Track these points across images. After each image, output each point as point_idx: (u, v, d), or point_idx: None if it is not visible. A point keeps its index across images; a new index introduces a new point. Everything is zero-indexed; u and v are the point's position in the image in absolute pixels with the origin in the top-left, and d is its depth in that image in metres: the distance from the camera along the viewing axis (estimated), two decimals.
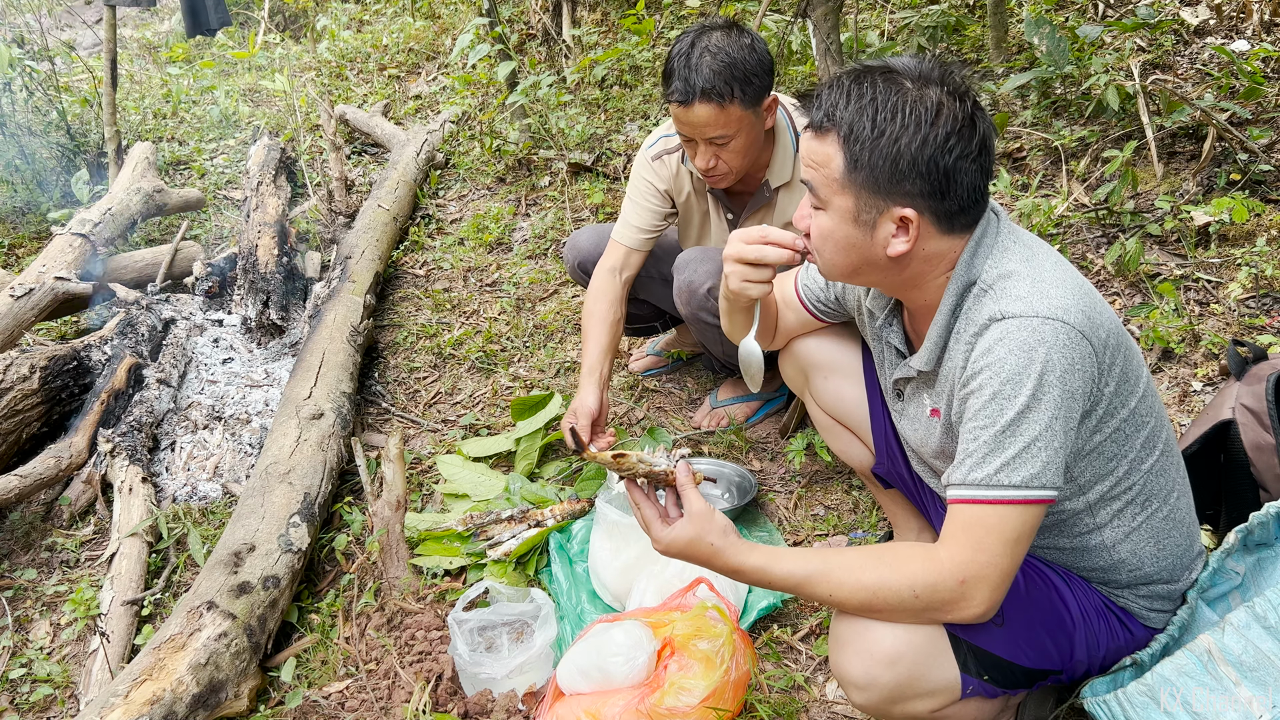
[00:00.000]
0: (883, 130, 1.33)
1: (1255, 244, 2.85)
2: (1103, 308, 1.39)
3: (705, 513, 1.46)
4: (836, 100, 1.36)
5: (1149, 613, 1.56)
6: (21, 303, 3.32)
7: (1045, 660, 1.49)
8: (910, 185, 1.34)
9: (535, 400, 2.80)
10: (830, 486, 2.53)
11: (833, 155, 1.36)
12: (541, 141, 4.54)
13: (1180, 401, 2.52)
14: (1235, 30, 3.99)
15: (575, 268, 2.78)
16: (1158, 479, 1.49)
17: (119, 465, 2.76)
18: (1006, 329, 1.32)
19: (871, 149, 1.33)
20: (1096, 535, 1.51)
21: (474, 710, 1.98)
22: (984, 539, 1.33)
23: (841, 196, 1.38)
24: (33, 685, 2.27)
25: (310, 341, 3.12)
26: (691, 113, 2.13)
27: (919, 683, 1.41)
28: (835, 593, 1.40)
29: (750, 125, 2.18)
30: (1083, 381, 1.32)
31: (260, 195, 4.08)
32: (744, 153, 2.22)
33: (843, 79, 1.38)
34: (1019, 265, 1.38)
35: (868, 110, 1.33)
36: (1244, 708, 1.30)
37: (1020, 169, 3.58)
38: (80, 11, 8.21)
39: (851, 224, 1.39)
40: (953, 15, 4.52)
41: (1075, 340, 1.31)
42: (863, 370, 1.89)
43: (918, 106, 1.32)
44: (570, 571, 2.30)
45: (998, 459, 1.32)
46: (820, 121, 1.38)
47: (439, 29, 6.54)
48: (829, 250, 1.44)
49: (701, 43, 2.12)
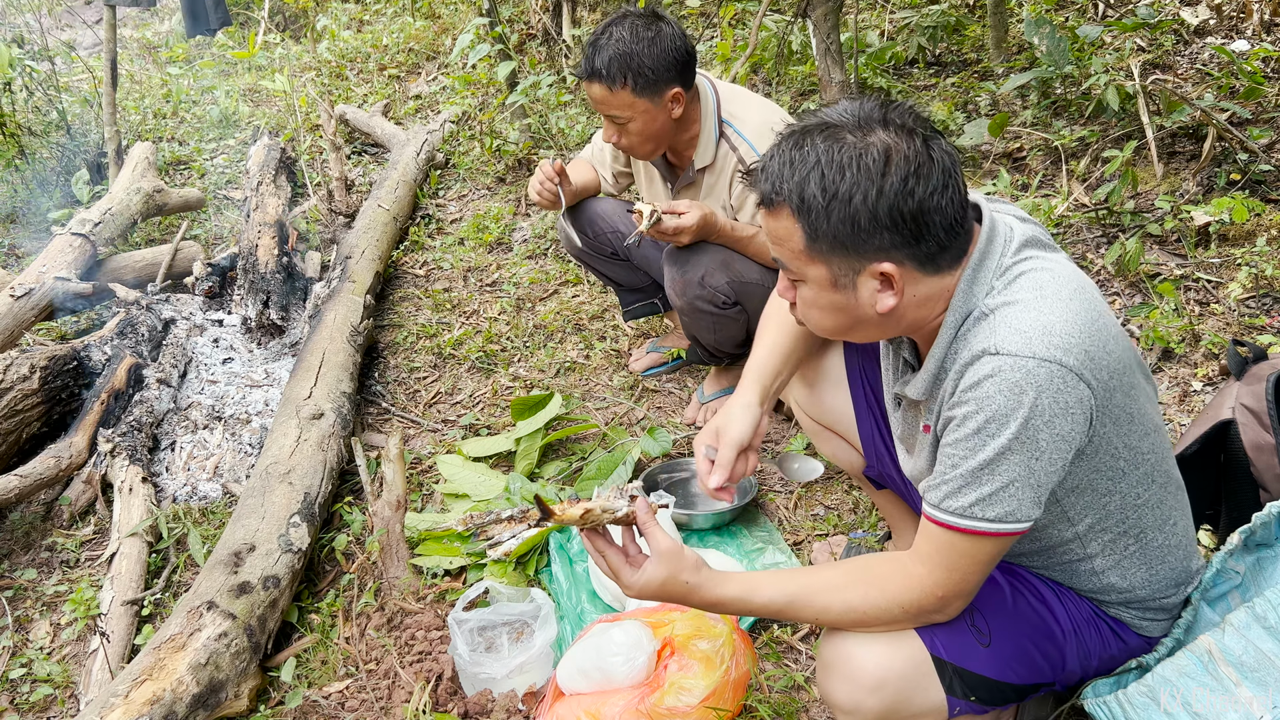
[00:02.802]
0: (834, 193, 1.25)
1: (1255, 244, 2.85)
2: (1113, 345, 1.31)
3: (674, 551, 1.40)
4: (780, 172, 1.29)
5: (1143, 623, 1.54)
6: (21, 303, 3.32)
7: (1035, 674, 1.48)
8: (879, 240, 1.27)
9: (535, 400, 2.80)
10: (830, 486, 2.53)
11: (791, 230, 1.30)
12: (541, 141, 4.54)
13: (1180, 401, 2.52)
14: (1235, 30, 3.99)
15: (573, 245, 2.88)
16: (1153, 511, 1.45)
17: (119, 465, 2.76)
18: (998, 365, 1.25)
19: (827, 215, 1.26)
20: (1087, 563, 1.49)
21: (474, 710, 1.98)
22: (958, 562, 1.34)
23: (813, 267, 1.32)
24: (33, 685, 2.27)
25: (310, 341, 3.12)
26: (590, 89, 2.36)
27: (904, 706, 1.41)
28: (822, 617, 1.41)
29: (646, 112, 2.35)
30: (1073, 424, 1.27)
31: (260, 195, 4.08)
32: (642, 135, 2.40)
33: (782, 147, 1.30)
34: (1024, 294, 1.30)
35: (813, 176, 1.26)
36: (1244, 708, 1.30)
37: (1020, 169, 3.58)
38: (80, 11, 8.21)
39: (831, 290, 1.33)
40: (953, 15, 4.52)
41: (1070, 384, 1.24)
42: (847, 375, 1.89)
43: (864, 157, 1.24)
44: (570, 571, 2.30)
45: (973, 493, 1.29)
46: (770, 198, 1.30)
47: (439, 29, 6.54)
48: (816, 317, 1.39)
49: (611, 29, 2.32)
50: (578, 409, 2.97)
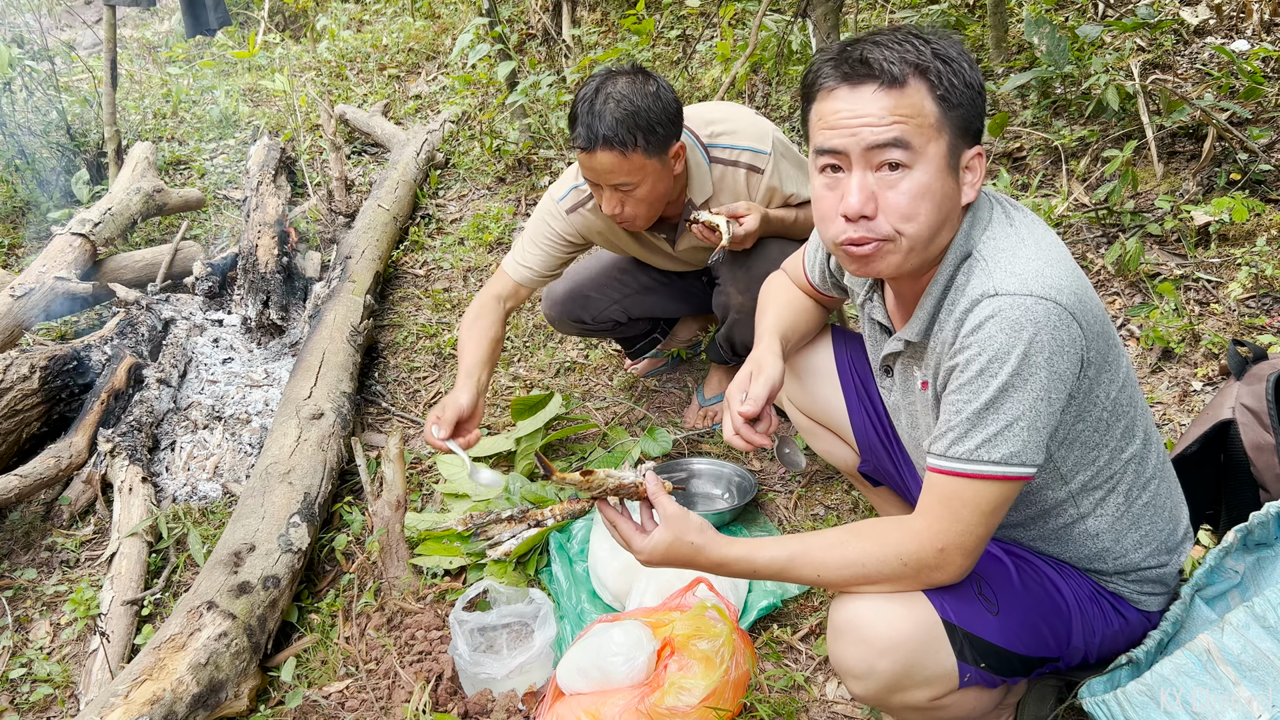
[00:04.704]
0: (961, 66, 1.34)
1: (1255, 244, 2.85)
2: (1091, 292, 1.40)
3: (679, 514, 1.46)
4: (902, 48, 1.33)
5: (1141, 596, 1.57)
6: (21, 303, 3.32)
7: (1042, 648, 1.50)
8: (979, 121, 1.37)
9: (535, 400, 2.80)
10: (830, 486, 2.53)
11: (921, 101, 1.32)
12: (541, 141, 4.54)
13: (1180, 401, 2.52)
14: (1235, 30, 3.99)
15: (561, 307, 2.76)
16: (1138, 467, 1.51)
17: (119, 465, 2.76)
18: (998, 305, 1.31)
19: (963, 84, 1.33)
20: (1080, 524, 1.53)
21: (474, 710, 1.98)
22: (960, 511, 1.36)
23: (936, 142, 1.34)
24: (33, 685, 2.28)
25: (310, 341, 3.12)
26: (595, 159, 2.11)
27: (917, 671, 1.41)
28: (823, 571, 1.42)
29: (655, 173, 2.15)
30: (1070, 363, 1.32)
31: (260, 195, 4.08)
32: (649, 200, 2.19)
33: (880, 38, 1.35)
34: (1014, 241, 1.37)
35: (937, 49, 1.33)
36: (1243, 707, 1.30)
37: (1020, 169, 3.58)
38: (80, 11, 8.21)
39: (945, 173, 1.36)
40: (953, 15, 4.52)
41: (1065, 321, 1.30)
42: (836, 369, 1.90)
43: (960, 48, 1.36)
44: (570, 571, 2.30)
45: (979, 435, 1.33)
46: (900, 73, 1.32)
47: (439, 29, 6.54)
48: (926, 212, 1.36)
49: (606, 89, 2.10)
50: (578, 409, 2.97)
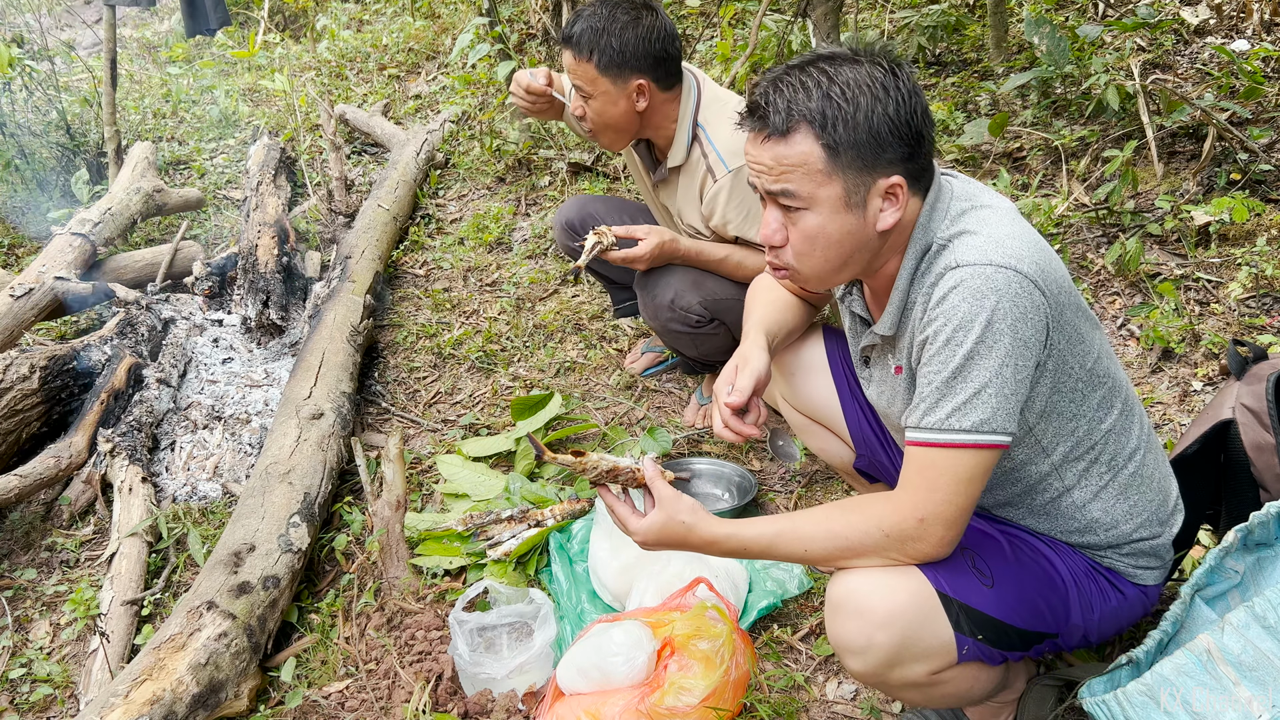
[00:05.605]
0: (856, 105, 1.35)
1: (1255, 244, 2.85)
2: (1057, 265, 1.42)
3: (673, 496, 1.50)
4: (792, 97, 1.37)
5: (1136, 570, 1.58)
6: (21, 303, 3.32)
7: (1039, 622, 1.51)
8: (891, 152, 1.38)
9: (535, 400, 2.80)
10: (830, 486, 2.53)
11: (808, 150, 1.37)
12: (541, 141, 4.54)
13: (1180, 401, 2.52)
14: (1235, 30, 3.99)
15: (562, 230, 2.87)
16: (1120, 438, 1.53)
17: (119, 465, 2.76)
18: (960, 276, 1.35)
19: (851, 127, 1.35)
20: (1067, 497, 1.55)
21: (474, 710, 1.98)
22: (937, 480, 1.38)
23: (828, 187, 1.39)
24: (33, 685, 2.28)
25: (310, 341, 3.12)
26: (563, 55, 2.36)
27: (914, 643, 1.43)
28: (809, 545, 1.45)
29: (606, 94, 2.33)
30: (1034, 330, 1.35)
31: (260, 195, 4.08)
32: (600, 116, 2.38)
33: (781, 81, 1.39)
34: (974, 224, 1.41)
35: (832, 93, 1.35)
36: (1243, 707, 1.30)
37: (1020, 169, 3.58)
38: (80, 11, 8.21)
39: (843, 211, 1.40)
40: (953, 15, 4.52)
41: (1026, 289, 1.33)
42: (828, 364, 1.91)
43: (872, 77, 1.36)
44: (570, 571, 2.30)
45: (949, 404, 1.36)
46: (784, 124, 1.37)
47: (439, 29, 6.54)
48: (820, 251, 1.44)
49: (598, 4, 2.32)
50: (578, 409, 2.97)
